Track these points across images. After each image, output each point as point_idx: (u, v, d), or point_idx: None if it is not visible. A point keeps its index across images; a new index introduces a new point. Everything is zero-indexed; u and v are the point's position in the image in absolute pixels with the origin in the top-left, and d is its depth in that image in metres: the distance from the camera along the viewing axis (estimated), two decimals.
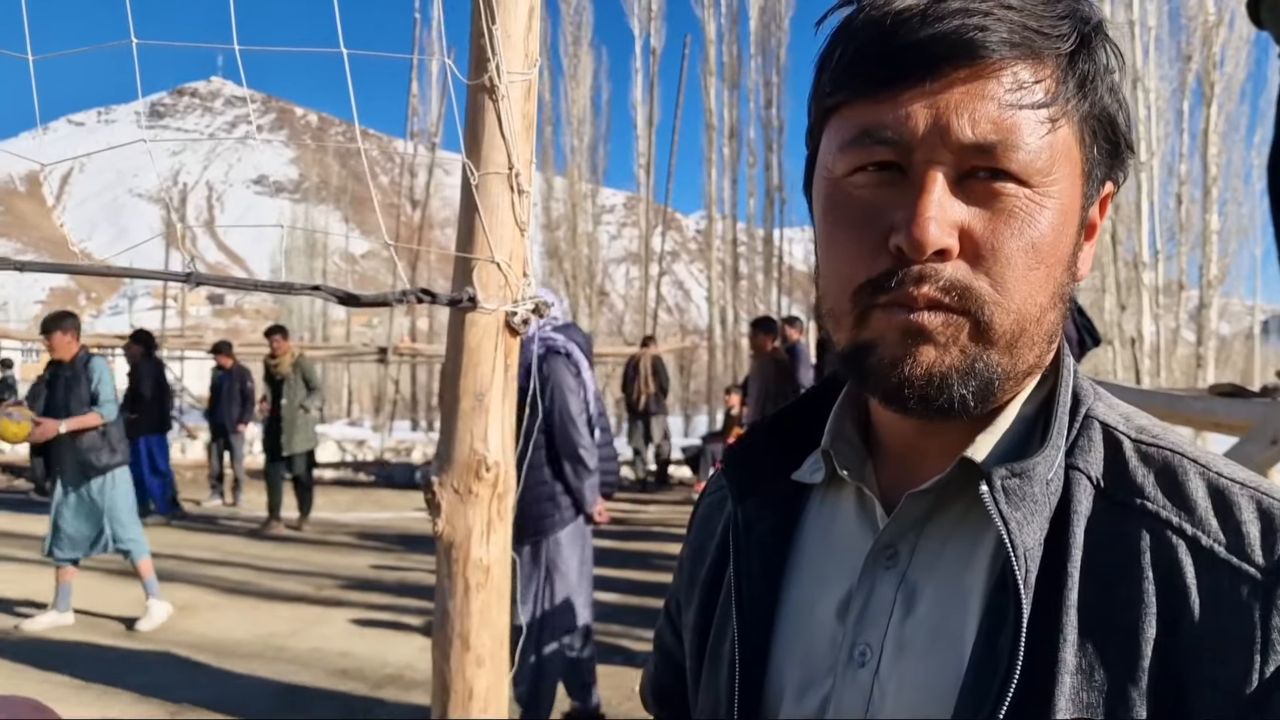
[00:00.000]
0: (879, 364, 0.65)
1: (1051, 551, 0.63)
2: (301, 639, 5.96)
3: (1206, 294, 15.48)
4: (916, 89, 0.62)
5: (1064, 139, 0.64)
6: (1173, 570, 0.60)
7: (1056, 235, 0.64)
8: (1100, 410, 0.70)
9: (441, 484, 1.50)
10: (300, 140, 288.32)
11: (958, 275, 0.62)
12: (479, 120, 1.58)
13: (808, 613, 0.75)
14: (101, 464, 6.15)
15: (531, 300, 1.58)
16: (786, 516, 0.79)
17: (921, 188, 0.62)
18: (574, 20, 27.39)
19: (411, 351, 18.55)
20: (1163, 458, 0.66)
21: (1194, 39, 15.66)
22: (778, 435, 0.82)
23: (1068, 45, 0.63)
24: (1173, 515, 0.62)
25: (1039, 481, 0.64)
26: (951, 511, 0.69)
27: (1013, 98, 0.62)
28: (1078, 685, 0.59)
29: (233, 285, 1.65)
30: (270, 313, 70.85)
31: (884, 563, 0.70)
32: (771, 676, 0.75)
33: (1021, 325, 0.64)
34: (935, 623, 0.67)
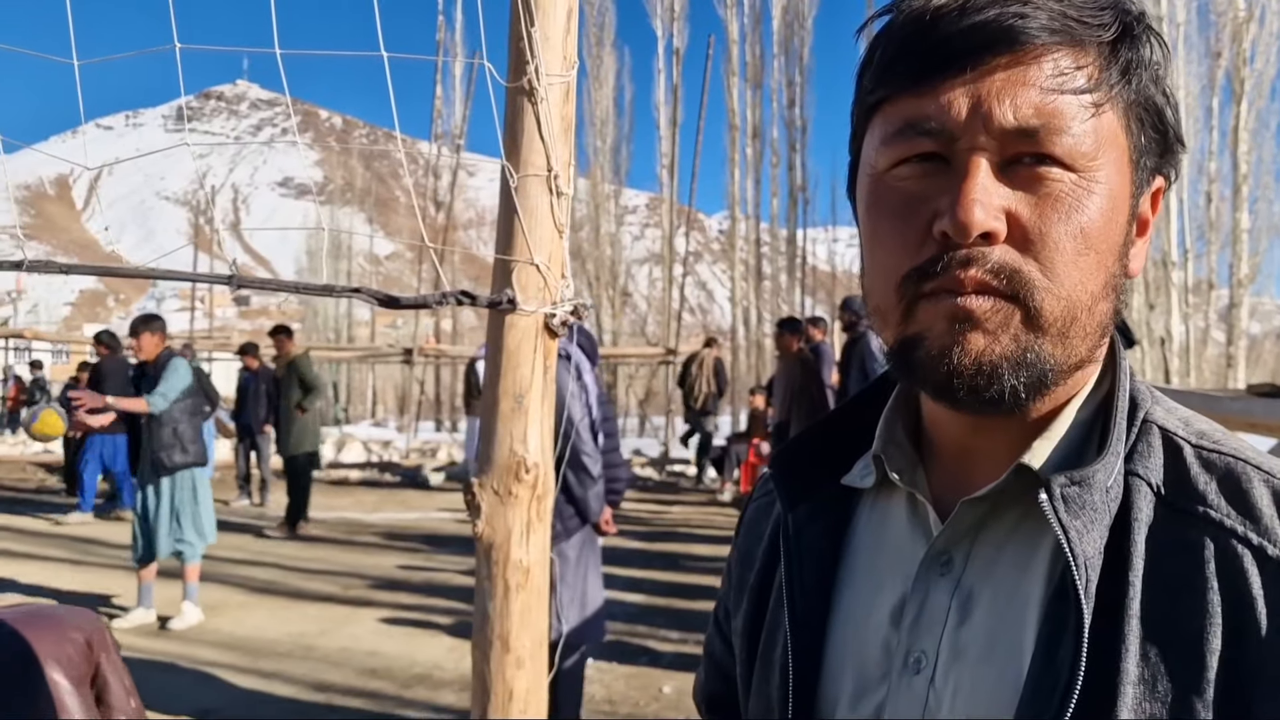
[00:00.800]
0: (927, 355, 0.64)
1: (1112, 560, 0.62)
2: (330, 638, 6.00)
3: (1236, 293, 15.31)
4: (957, 78, 0.62)
5: (1109, 125, 0.63)
6: (1238, 580, 0.59)
7: (1106, 221, 0.63)
8: (1159, 415, 0.69)
9: (481, 485, 1.51)
10: (325, 143, 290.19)
11: (1006, 259, 0.62)
12: (518, 123, 1.58)
13: (861, 619, 0.74)
14: (174, 463, 6.26)
15: (571, 302, 1.58)
16: (837, 522, 0.79)
17: (965, 173, 0.62)
18: (597, 21, 27.44)
19: (436, 352, 18.64)
20: (1225, 464, 0.64)
21: (1223, 35, 15.50)
22: (827, 438, 0.82)
23: (1109, 33, 0.63)
24: (1237, 524, 0.61)
25: (1099, 489, 0.63)
26: (1007, 518, 0.68)
27: (1055, 83, 0.61)
28: (1140, 696, 0.59)
29: (274, 287, 1.67)
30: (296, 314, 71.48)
31: (938, 569, 0.70)
32: (825, 683, 0.75)
33: (1073, 313, 0.63)
34: (992, 631, 0.66)
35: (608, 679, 5.18)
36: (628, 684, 5.14)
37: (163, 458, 6.23)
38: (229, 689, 5.05)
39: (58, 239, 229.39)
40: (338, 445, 17.42)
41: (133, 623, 6.27)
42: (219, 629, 6.23)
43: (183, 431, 6.31)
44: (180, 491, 6.35)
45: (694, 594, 7.10)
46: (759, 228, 26.19)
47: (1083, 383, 0.70)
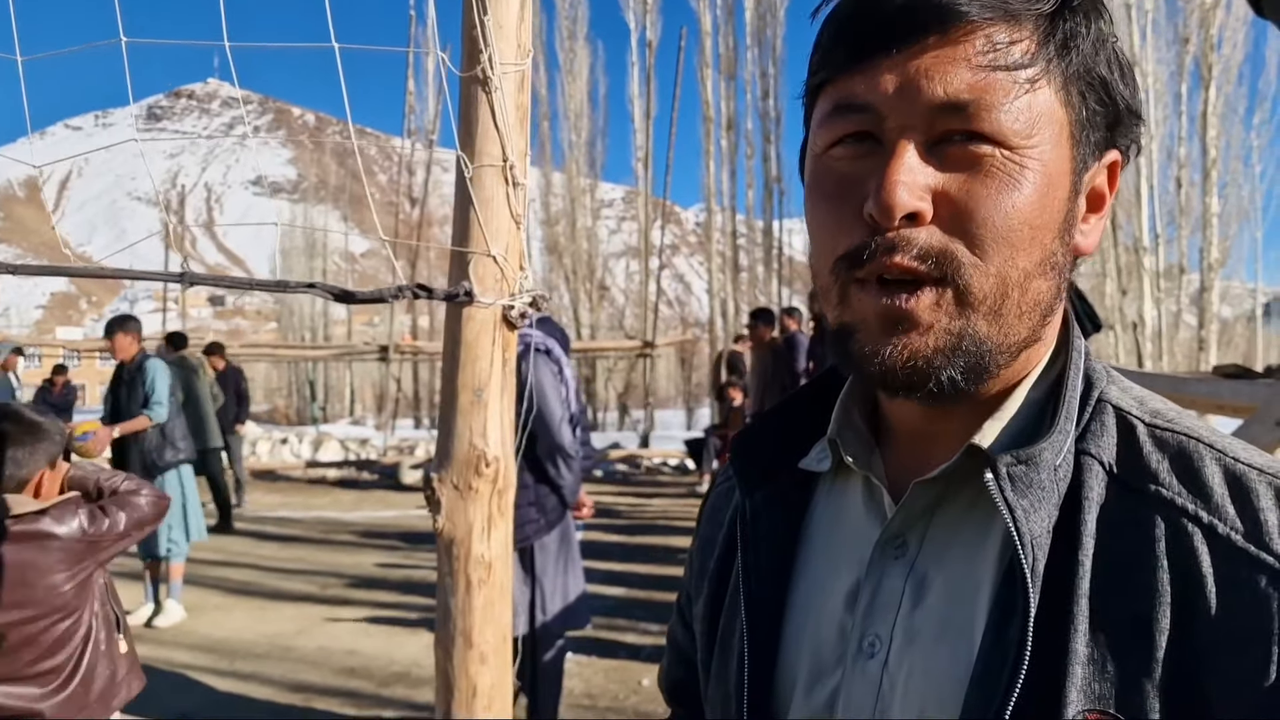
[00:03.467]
0: (861, 351, 0.64)
1: (1061, 539, 0.61)
2: (308, 638, 5.96)
3: (1207, 277, 15.45)
4: (888, 57, 0.62)
5: (1045, 101, 0.62)
6: (1188, 559, 0.59)
7: (1040, 198, 0.62)
8: (1113, 394, 0.68)
9: (441, 480, 1.49)
10: (298, 140, 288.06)
11: (932, 241, 0.61)
12: (472, 113, 1.57)
13: (817, 604, 0.74)
14: (165, 462, 6.27)
15: (529, 294, 1.56)
16: (795, 506, 0.78)
17: (891, 154, 0.61)
18: (569, 14, 27.35)
19: (413, 349, 18.54)
20: (1178, 443, 0.64)
21: (1191, 21, 15.60)
22: (786, 424, 0.81)
23: (1047, 5, 0.62)
24: (1188, 502, 0.60)
25: (1046, 468, 0.62)
26: (960, 500, 0.68)
27: (987, 59, 0.60)
28: (1089, 676, 0.58)
29: (228, 284, 1.64)
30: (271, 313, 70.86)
31: (892, 553, 0.69)
32: (781, 668, 0.74)
33: (1004, 290, 0.62)
34: (944, 614, 0.65)
35: (587, 673, 5.18)
36: (607, 677, 5.14)
37: (154, 458, 6.24)
38: (206, 691, 5.00)
39: (28, 241, 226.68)
40: (315, 444, 17.31)
41: (172, 620, 6.32)
42: (196, 631, 6.18)
43: (170, 430, 6.34)
44: (169, 491, 6.34)
45: (673, 586, 7.09)
46: (735, 219, 26.20)
47: (1033, 362, 0.69)
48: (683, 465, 14.80)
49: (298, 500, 10.99)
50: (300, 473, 15.22)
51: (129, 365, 6.35)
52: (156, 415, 6.22)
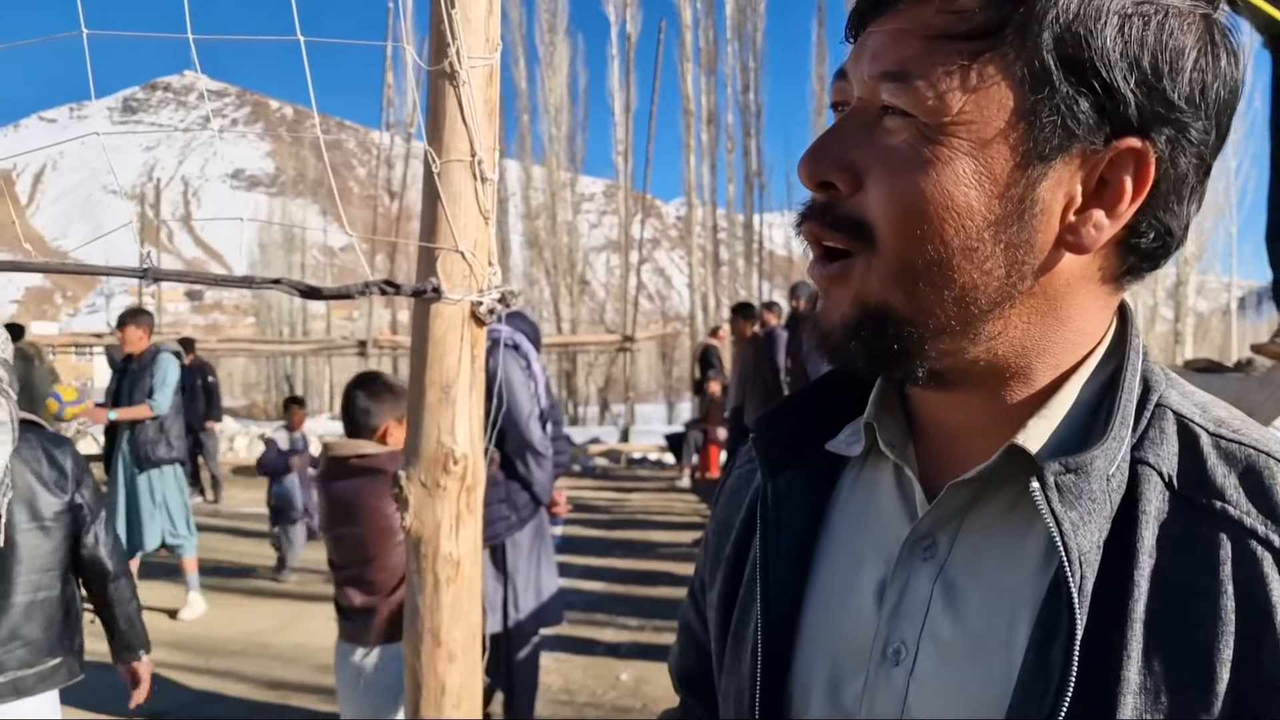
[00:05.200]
0: (813, 317, 0.66)
1: (1115, 556, 0.57)
2: (285, 635, 5.93)
3: (1184, 271, 15.60)
4: (866, 28, 0.63)
5: (989, 74, 0.57)
6: (1256, 585, 0.55)
7: (954, 178, 0.58)
8: (1174, 399, 0.64)
9: (409, 478, 1.48)
10: (275, 133, 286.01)
11: (850, 211, 0.61)
12: (440, 107, 1.55)
13: (839, 599, 0.70)
14: (158, 457, 6.29)
15: (497, 290, 1.55)
16: (820, 492, 0.75)
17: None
18: (549, 8, 27.31)
19: (392, 344, 18.48)
20: (1246, 456, 0.59)
21: None
22: (814, 405, 0.77)
23: None
24: (1258, 523, 0.56)
25: (1098, 477, 0.58)
26: (998, 502, 0.64)
27: (935, 25, 0.58)
28: (1141, 707, 0.55)
29: (192, 280, 1.62)
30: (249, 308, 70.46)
31: (921, 553, 0.66)
32: (798, 666, 0.71)
33: (911, 270, 0.59)
34: (977, 626, 0.62)
35: (565, 668, 5.17)
36: (585, 673, 5.14)
37: (148, 451, 6.25)
38: (180, 690, 4.97)
39: (1, 235, 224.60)
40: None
41: None
42: (171, 628, 6.14)
43: (169, 427, 6.37)
44: (166, 486, 6.38)
45: (652, 581, 7.10)
46: (716, 213, 26.23)
47: (1080, 357, 0.64)
48: (662, 460, 14.80)
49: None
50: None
51: (139, 358, 6.35)
52: (159, 406, 6.23)
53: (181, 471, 6.59)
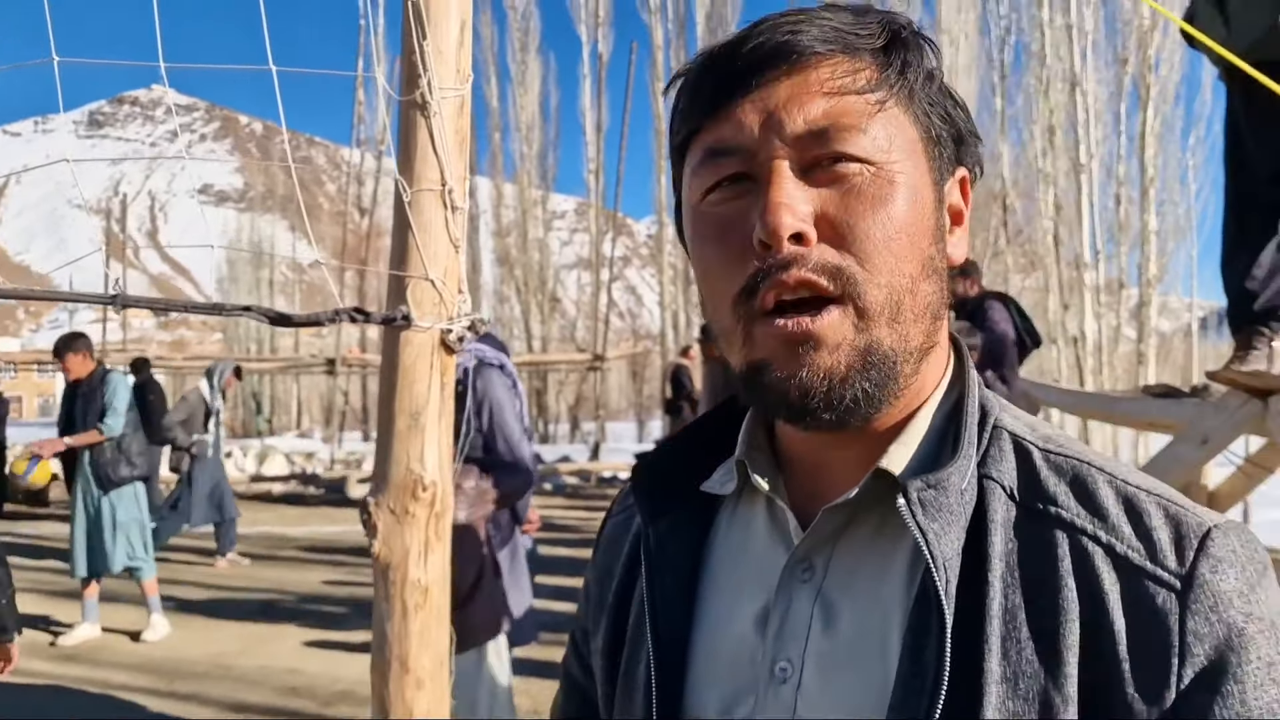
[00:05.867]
0: (775, 379, 0.65)
1: (970, 561, 0.63)
2: (250, 657, 5.86)
3: (1146, 292, 15.82)
4: (745, 98, 0.66)
5: (896, 118, 0.66)
6: (1091, 577, 0.61)
7: (909, 206, 0.65)
8: (1007, 421, 0.71)
9: (378, 505, 1.49)
10: (245, 149, 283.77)
11: (825, 257, 0.63)
12: (411, 136, 1.57)
13: (724, 628, 0.73)
14: (119, 477, 6.21)
15: (467, 317, 1.57)
16: (698, 532, 0.78)
17: (769, 182, 0.64)
18: (521, 27, 27.36)
19: (361, 362, 18.33)
20: (1072, 467, 0.67)
21: (1129, 43, 16.00)
22: (686, 451, 0.81)
23: (879, 40, 0.67)
24: (1088, 523, 0.63)
25: (954, 492, 0.64)
26: (867, 524, 0.69)
27: (836, 85, 0.65)
28: (1004, 694, 0.60)
29: (162, 307, 1.62)
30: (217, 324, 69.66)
31: (799, 576, 0.70)
32: (690, 696, 0.74)
33: (897, 296, 0.65)
34: (855, 637, 0.67)
35: (534, 689, 5.15)
36: (554, 694, 5.11)
37: (108, 472, 6.18)
38: (142, 713, 4.90)
39: None
40: (260, 458, 17.04)
41: (79, 639, 6.20)
42: (133, 650, 6.05)
43: (127, 445, 6.29)
44: (125, 507, 6.30)
45: None
46: None
47: (930, 390, 0.71)
48: None
49: (242, 515, 10.78)
50: (244, 487, 14.98)
51: (87, 380, 6.28)
52: (110, 428, 6.16)
53: (144, 490, 6.49)
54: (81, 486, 6.26)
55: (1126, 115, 16.26)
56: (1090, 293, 15.63)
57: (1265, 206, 3.23)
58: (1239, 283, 3.29)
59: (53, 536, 8.20)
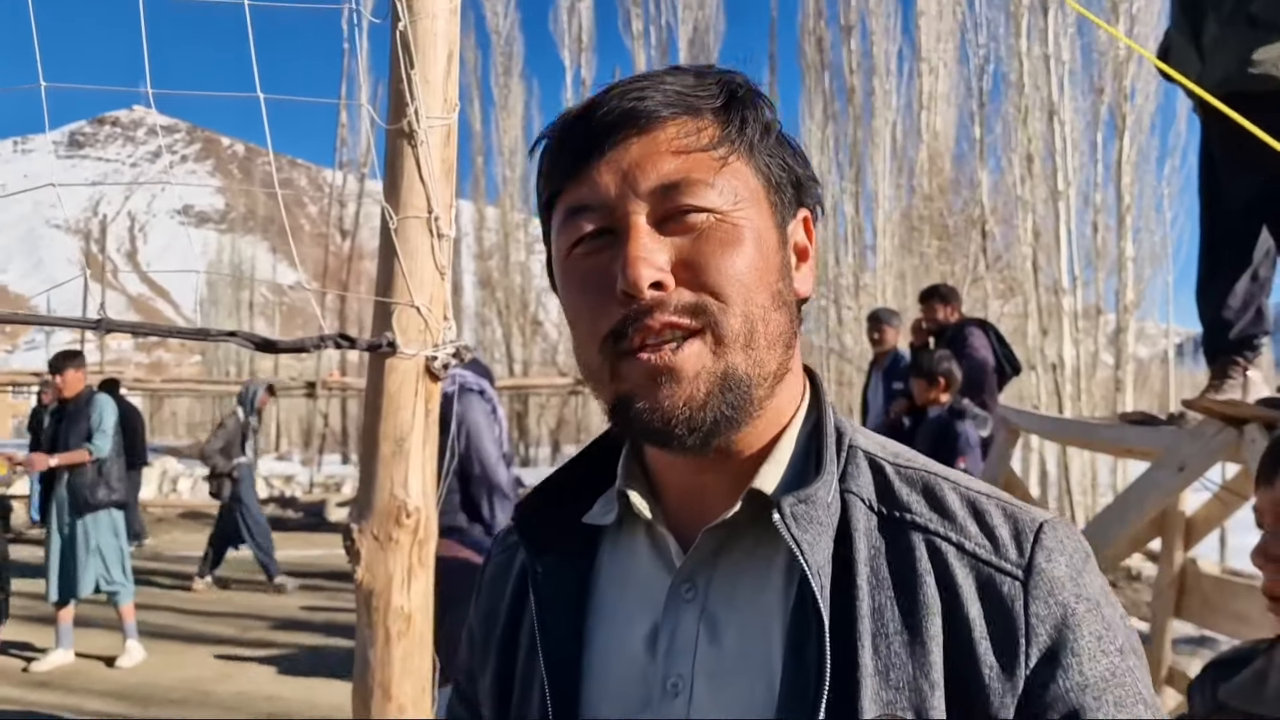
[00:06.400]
0: (641, 409, 0.70)
1: (839, 568, 0.70)
2: (227, 683, 5.80)
3: (1123, 318, 15.95)
4: (601, 160, 0.72)
5: (739, 171, 0.73)
6: (946, 573, 0.69)
7: (755, 247, 0.72)
8: (861, 441, 0.78)
9: (361, 531, 1.49)
10: (227, 170, 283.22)
11: (684, 299, 0.69)
12: (398, 165, 1.58)
13: (616, 653, 0.77)
14: (97, 500, 6.16)
15: (452, 345, 1.57)
16: (582, 562, 0.82)
17: (626, 236, 0.70)
18: (504, 51, 27.48)
19: (341, 385, 18.26)
20: (920, 478, 0.75)
21: (1106, 73, 16.22)
22: (565, 487, 0.85)
23: (719, 100, 0.74)
24: (940, 526, 0.71)
25: (821, 505, 0.71)
26: (743, 542, 0.74)
27: (683, 144, 0.71)
28: (878, 686, 0.66)
29: (146, 331, 1.63)
30: (195, 346, 69.26)
31: (684, 596, 0.75)
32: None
33: (751, 325, 0.71)
34: (740, 648, 0.72)
35: None
36: None
37: (86, 495, 6.12)
38: None
39: None
40: None
41: (53, 664, 6.13)
42: (108, 676, 5.98)
43: (109, 470, 6.24)
44: (102, 531, 6.23)
45: None
46: None
47: (789, 415, 0.78)
48: None
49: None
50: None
51: (73, 400, 6.24)
52: (99, 449, 6.13)
53: (120, 515, 6.43)
54: (57, 509, 6.19)
55: (1103, 144, 16.46)
56: (1068, 319, 15.76)
57: (1238, 237, 3.28)
58: (1214, 313, 3.34)
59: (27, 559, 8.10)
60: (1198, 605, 3.94)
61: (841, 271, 20.32)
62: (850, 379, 18.69)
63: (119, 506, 6.36)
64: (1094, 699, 0.65)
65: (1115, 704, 0.66)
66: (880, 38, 20.44)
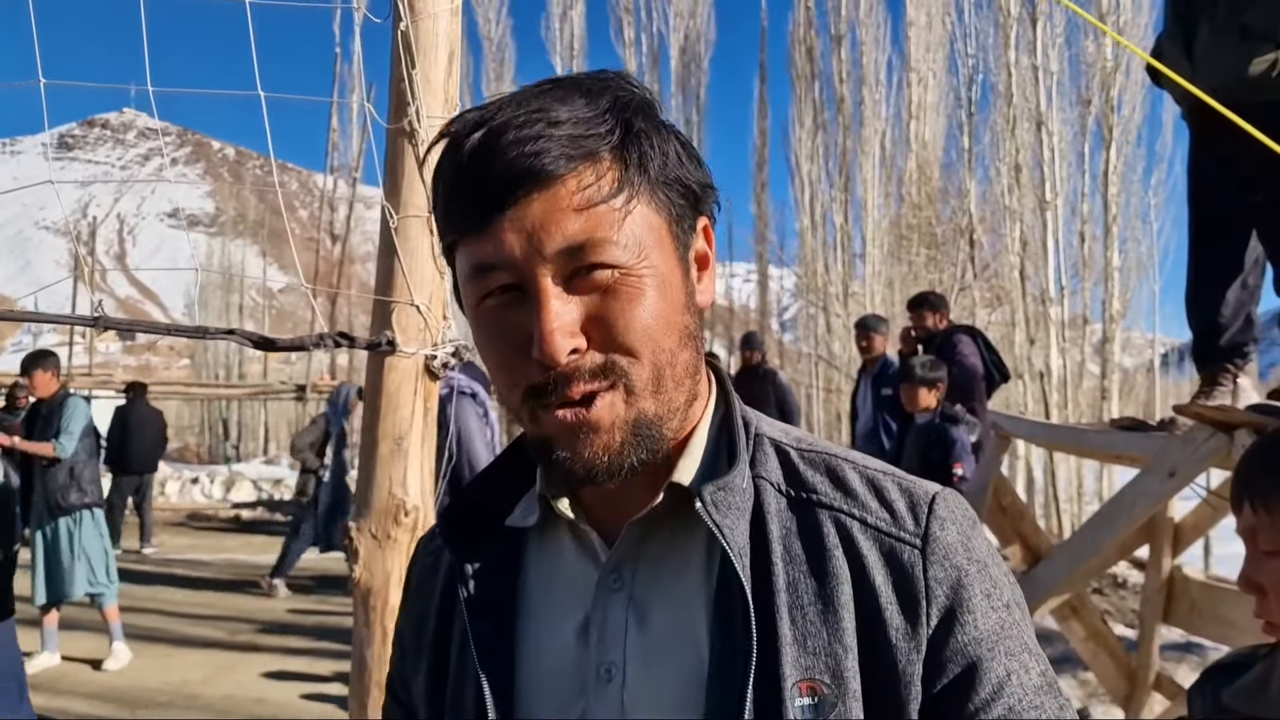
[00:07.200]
0: (564, 458, 0.73)
1: (756, 548, 0.75)
2: (215, 686, 5.77)
3: (1110, 328, 16.02)
4: (502, 219, 0.71)
5: (641, 215, 0.74)
6: (852, 546, 0.75)
7: (661, 294, 0.74)
8: (766, 429, 0.84)
9: (359, 529, 1.49)
10: (217, 173, 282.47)
11: (597, 361, 0.72)
12: (398, 164, 1.59)
13: (548, 646, 0.80)
14: (69, 503, 6.13)
15: (451, 343, 1.58)
16: (508, 563, 0.85)
17: (538, 303, 0.71)
18: (496, 57, 27.46)
19: (331, 389, 18.19)
20: (823, 460, 0.81)
21: (1093, 84, 16.31)
22: (487, 491, 0.88)
23: (615, 138, 0.73)
24: (843, 504, 0.77)
25: (738, 491, 0.76)
26: (663, 532, 0.79)
27: (584, 198, 0.71)
28: (796, 653, 0.71)
29: (144, 329, 1.62)
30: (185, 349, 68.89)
31: (610, 586, 0.79)
32: (521, 711, 0.79)
33: (659, 371, 0.74)
34: (668, 630, 0.76)
35: None
36: None
37: (59, 498, 6.10)
38: None
39: None
40: (227, 484, 16.83)
41: (39, 667, 6.08)
42: (94, 679, 5.95)
43: (80, 472, 6.22)
44: (85, 533, 6.20)
45: None
46: None
47: (699, 414, 0.82)
48: None
49: (208, 542, 10.66)
50: (211, 513, 14.78)
51: (48, 402, 6.24)
52: (63, 449, 6.10)
53: (102, 516, 6.41)
54: (36, 513, 6.18)
55: (1090, 155, 16.53)
56: (1055, 328, 15.82)
57: (1228, 244, 3.31)
58: (1205, 320, 3.36)
59: None
60: (1185, 611, 3.96)
61: (830, 279, 20.36)
62: (839, 386, 18.74)
63: (95, 508, 6.32)
64: (988, 650, 0.72)
65: (1005, 654, 0.72)
66: (870, 47, 20.50)
